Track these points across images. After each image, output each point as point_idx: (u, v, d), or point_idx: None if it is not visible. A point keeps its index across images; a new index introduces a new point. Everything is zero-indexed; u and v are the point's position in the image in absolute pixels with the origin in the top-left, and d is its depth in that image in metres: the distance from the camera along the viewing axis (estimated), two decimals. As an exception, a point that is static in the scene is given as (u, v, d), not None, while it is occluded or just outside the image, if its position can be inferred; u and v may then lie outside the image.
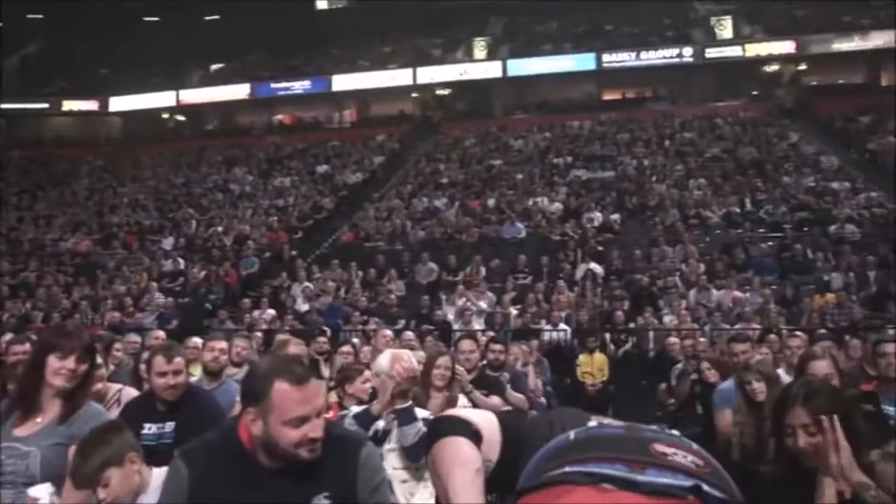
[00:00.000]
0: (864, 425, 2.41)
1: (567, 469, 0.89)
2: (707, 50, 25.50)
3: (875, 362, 3.99)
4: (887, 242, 12.84)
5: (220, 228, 17.39)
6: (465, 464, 1.19)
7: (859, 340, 6.21)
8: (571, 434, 0.97)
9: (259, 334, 9.96)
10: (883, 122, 19.77)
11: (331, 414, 4.25)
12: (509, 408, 4.69)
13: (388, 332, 7.01)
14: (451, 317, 11.55)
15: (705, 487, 0.83)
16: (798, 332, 6.62)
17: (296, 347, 5.24)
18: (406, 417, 3.10)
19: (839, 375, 3.76)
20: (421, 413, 3.23)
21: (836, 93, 23.99)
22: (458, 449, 1.21)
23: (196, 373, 4.71)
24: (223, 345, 4.52)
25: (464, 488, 1.16)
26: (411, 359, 3.27)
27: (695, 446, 0.92)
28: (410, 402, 3.16)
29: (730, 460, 4.41)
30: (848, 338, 6.76)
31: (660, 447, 0.88)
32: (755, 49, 25.21)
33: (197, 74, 31.28)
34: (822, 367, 3.57)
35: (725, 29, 26.27)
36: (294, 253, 15.76)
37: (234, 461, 1.89)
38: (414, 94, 27.86)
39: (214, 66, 31.79)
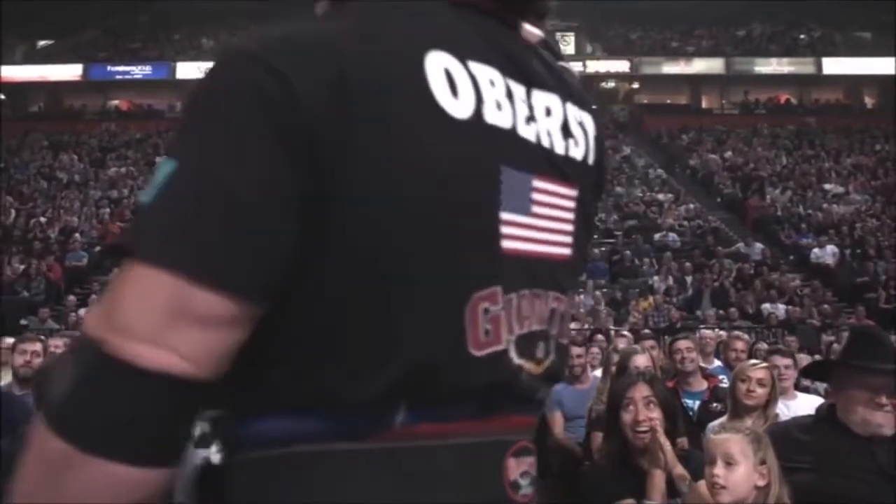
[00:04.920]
0: (679, 416, 2.82)
1: None
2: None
3: (672, 360, 4.37)
4: (702, 250, 14.20)
5: (43, 219, 16.05)
6: None
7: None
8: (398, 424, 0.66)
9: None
10: (702, 140, 21.77)
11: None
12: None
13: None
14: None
15: None
16: (624, 333, 7.16)
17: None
18: None
19: (656, 370, 4.11)
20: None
21: (664, 111, 26.07)
22: None
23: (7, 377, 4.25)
24: (36, 347, 4.06)
25: None
26: None
27: (533, 442, 0.79)
28: None
29: (565, 457, 4.67)
30: (666, 337, 7.39)
31: (512, 467, 0.74)
32: (595, 66, 26.78)
33: (21, 50, 28.59)
34: (641, 360, 3.89)
35: (569, 45, 27.69)
36: (128, 247, 14.86)
37: None
38: (263, 87, 27.10)
39: (42, 42, 29.22)
